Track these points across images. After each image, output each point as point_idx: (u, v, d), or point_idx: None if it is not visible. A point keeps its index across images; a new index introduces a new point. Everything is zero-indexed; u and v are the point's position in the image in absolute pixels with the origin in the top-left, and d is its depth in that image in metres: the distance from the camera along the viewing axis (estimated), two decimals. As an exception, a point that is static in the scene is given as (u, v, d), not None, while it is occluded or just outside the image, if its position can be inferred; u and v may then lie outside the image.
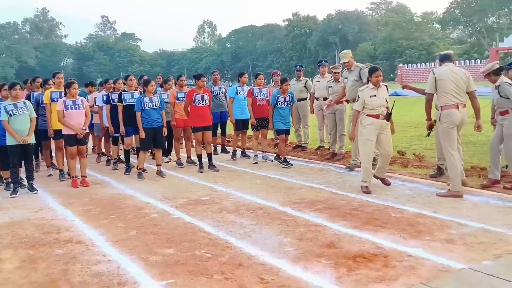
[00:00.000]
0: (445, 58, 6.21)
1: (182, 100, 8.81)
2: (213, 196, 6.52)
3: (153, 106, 7.73)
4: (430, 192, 6.24)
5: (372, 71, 6.46)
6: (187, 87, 9.47)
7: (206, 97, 8.34)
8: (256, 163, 8.89)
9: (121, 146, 9.16)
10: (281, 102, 8.46)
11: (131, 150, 8.73)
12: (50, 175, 8.45)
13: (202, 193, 6.72)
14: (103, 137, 9.54)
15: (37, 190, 7.09)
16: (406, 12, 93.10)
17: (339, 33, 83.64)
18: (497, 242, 4.32)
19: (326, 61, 10.07)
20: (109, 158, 9.30)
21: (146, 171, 8.19)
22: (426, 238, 4.51)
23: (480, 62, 57.52)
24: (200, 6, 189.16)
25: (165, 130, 8.16)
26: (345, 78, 8.09)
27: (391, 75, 70.07)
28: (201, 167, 8.28)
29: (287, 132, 8.71)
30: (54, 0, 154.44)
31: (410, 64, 64.78)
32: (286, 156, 8.73)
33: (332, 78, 9.02)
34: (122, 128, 8.20)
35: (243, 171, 8.27)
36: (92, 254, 4.42)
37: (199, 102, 8.26)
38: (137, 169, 8.02)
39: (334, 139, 8.89)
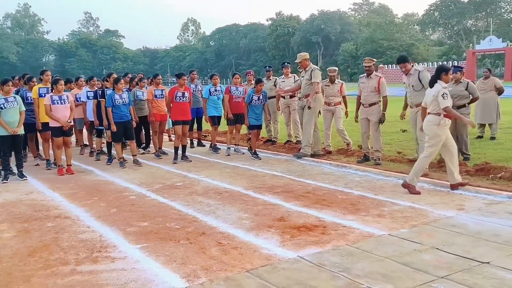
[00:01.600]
0: None
1: (159, 97, 9.60)
2: (185, 182, 7.32)
3: (123, 102, 8.50)
4: (376, 179, 7.13)
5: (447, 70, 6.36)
6: (170, 85, 10.30)
7: (186, 94, 9.13)
8: (229, 155, 9.69)
9: (103, 140, 9.88)
10: (255, 101, 9.26)
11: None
12: (37, 164, 9.14)
13: (176, 179, 7.51)
14: (87, 130, 10.23)
15: (26, 177, 7.80)
16: (387, 13, 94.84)
17: (321, 33, 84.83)
18: (418, 216, 5.21)
19: (288, 63, 10.97)
20: (92, 150, 10.00)
21: (126, 161, 8.92)
22: (361, 214, 5.37)
23: (458, 64, 59.28)
24: (184, 4, 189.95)
25: (134, 123, 8.98)
26: (302, 77, 9.02)
27: (372, 75, 71.47)
28: (175, 158, 9.05)
29: (259, 127, 9.50)
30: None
31: (390, 65, 66.17)
32: (257, 150, 9.54)
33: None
34: (105, 122, 8.92)
35: (215, 162, 9.09)
36: (78, 226, 5.19)
37: (180, 99, 9.05)
38: (118, 160, 8.77)
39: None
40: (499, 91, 10.68)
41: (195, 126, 11.16)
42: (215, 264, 4.01)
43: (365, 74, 8.22)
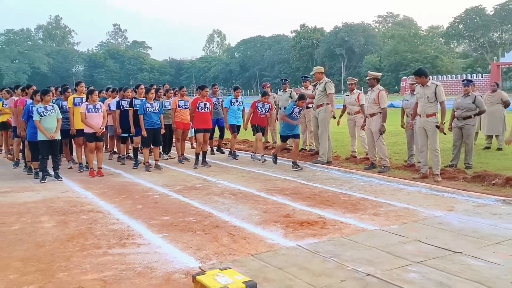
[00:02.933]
0: None
1: (182, 107, 10.39)
2: (204, 184, 8.04)
3: (153, 110, 9.29)
4: (379, 184, 7.71)
5: None
6: (194, 95, 11.13)
7: (208, 104, 9.90)
8: (265, 161, 10.28)
9: (130, 146, 10.71)
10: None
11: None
12: (70, 167, 10.01)
13: (196, 182, 8.24)
14: (115, 137, 11.09)
15: (61, 178, 8.64)
16: (412, 25, 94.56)
17: (345, 45, 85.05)
18: (409, 215, 5.79)
19: (286, 79, 11.77)
20: (120, 155, 10.84)
21: (151, 165, 9.69)
22: (359, 213, 5.98)
23: (482, 77, 58.93)
24: (210, 15, 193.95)
25: (163, 130, 9.73)
26: (317, 89, 9.69)
27: (396, 87, 71.46)
28: (196, 163, 9.79)
29: (296, 136, 9.91)
30: (67, 8, 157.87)
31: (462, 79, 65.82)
32: (272, 156, 10.23)
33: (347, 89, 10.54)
34: (132, 129, 9.73)
35: (233, 167, 9.79)
36: (108, 219, 5.94)
37: (202, 109, 9.83)
38: (144, 164, 9.55)
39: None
40: (506, 104, 11.13)
41: (216, 134, 11.89)
42: (225, 250, 4.68)
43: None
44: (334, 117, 9.68)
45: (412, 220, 5.57)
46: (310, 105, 10.40)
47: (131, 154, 10.57)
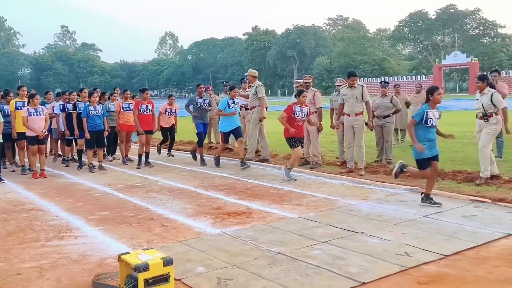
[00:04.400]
0: None
1: (126, 110, 10.73)
2: (145, 183, 8.46)
3: (96, 113, 9.61)
4: (308, 178, 8.38)
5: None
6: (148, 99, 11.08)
7: (150, 106, 10.30)
8: (295, 180, 8.20)
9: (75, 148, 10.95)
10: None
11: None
12: (13, 170, 10.15)
13: (137, 181, 8.65)
14: (59, 140, 11.28)
15: (3, 180, 8.82)
16: (361, 28, 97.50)
17: (297, 47, 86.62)
18: (328, 204, 6.45)
19: (227, 82, 12.42)
20: (64, 158, 11.04)
21: (95, 166, 9.98)
22: (284, 203, 6.59)
23: (426, 78, 61.64)
24: (162, 18, 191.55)
25: (106, 133, 10.08)
26: (250, 92, 10.38)
27: (345, 88, 73.38)
28: (139, 163, 10.17)
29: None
30: (12, 9, 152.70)
31: (363, 79, 68.19)
32: (217, 156, 10.61)
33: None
34: (76, 132, 10.00)
35: (174, 167, 10.25)
36: (48, 216, 6.28)
37: (144, 111, 10.21)
38: (88, 165, 9.84)
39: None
40: (429, 104, 12.09)
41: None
42: (156, 238, 5.16)
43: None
44: (262, 118, 10.24)
45: (328, 208, 6.23)
46: (248, 107, 10.98)
47: (76, 156, 10.80)
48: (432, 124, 6.14)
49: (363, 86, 8.70)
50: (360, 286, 3.76)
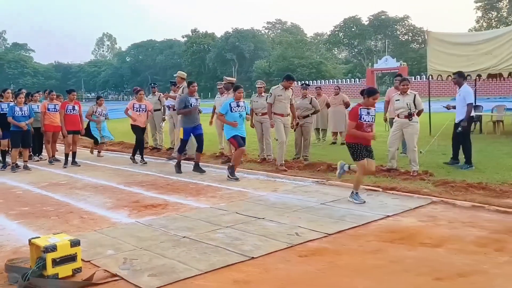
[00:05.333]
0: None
1: (52, 110, 10.82)
2: (69, 181, 8.69)
3: (22, 114, 9.69)
4: (226, 174, 8.91)
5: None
6: (84, 100, 11.49)
7: (76, 107, 10.48)
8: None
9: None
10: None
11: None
12: None
13: (61, 179, 8.85)
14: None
15: None
16: (299, 32, 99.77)
17: (236, 51, 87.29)
18: (240, 196, 7.02)
19: (155, 84, 13.14)
20: (-12, 159, 10.96)
21: (19, 166, 10.03)
22: (200, 196, 7.10)
23: (359, 81, 64.19)
24: (99, 19, 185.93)
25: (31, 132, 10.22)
26: (178, 93, 10.81)
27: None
28: (65, 163, 10.33)
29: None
30: None
31: (301, 82, 69.80)
32: (144, 156, 10.99)
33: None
34: (-1, 132, 10.03)
35: (101, 166, 10.50)
36: (-32, 212, 6.44)
37: (71, 111, 10.40)
38: (11, 164, 9.89)
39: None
40: (346, 105, 13.03)
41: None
42: (73, 229, 5.50)
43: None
44: None
45: (239, 199, 6.80)
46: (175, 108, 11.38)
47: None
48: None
49: (292, 89, 9.46)
50: (249, 260, 4.33)
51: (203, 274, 4.01)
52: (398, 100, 8.54)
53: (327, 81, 68.01)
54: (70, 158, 10.45)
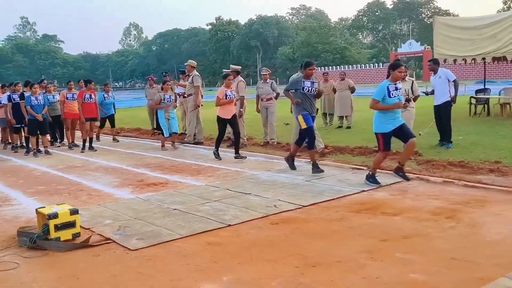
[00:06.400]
0: None
1: (70, 99, 11.63)
2: (85, 164, 9.46)
3: (38, 103, 10.49)
4: (230, 156, 9.51)
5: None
6: (113, 89, 12.30)
7: (92, 96, 11.25)
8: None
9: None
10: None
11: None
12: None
13: (78, 162, 9.64)
14: (8, 128, 12.07)
15: None
16: (323, 17, 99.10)
17: (260, 37, 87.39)
18: (235, 175, 7.62)
19: (167, 73, 13.44)
20: (13, 145, 11.86)
21: (41, 151, 10.88)
22: (199, 176, 7.73)
23: (383, 66, 63.71)
24: (126, 8, 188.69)
25: (48, 120, 11.03)
26: (187, 81, 11.40)
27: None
28: (83, 148, 11.13)
29: None
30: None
31: (325, 67, 69.59)
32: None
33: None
34: (26, 119, 10.85)
35: (116, 150, 11.25)
36: (-9, 191, 7.24)
37: (88, 100, 11.17)
38: (32, 150, 10.73)
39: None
40: (352, 90, 13.43)
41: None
42: (81, 204, 6.20)
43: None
44: (198, 106, 11.31)
45: (233, 178, 7.40)
46: (186, 95, 12.03)
47: (24, 143, 11.65)
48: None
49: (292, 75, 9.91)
50: (226, 227, 4.94)
51: (183, 238, 4.64)
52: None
53: (351, 66, 67.78)
54: (87, 144, 11.23)
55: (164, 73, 13.53)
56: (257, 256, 4.11)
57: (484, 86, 15.81)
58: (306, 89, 7.51)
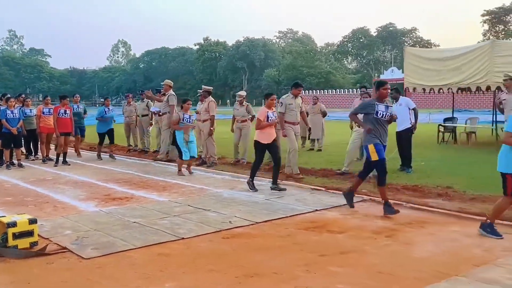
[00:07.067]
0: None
1: (46, 114, 11.85)
2: (56, 177, 9.65)
3: (13, 116, 10.70)
4: (200, 174, 9.79)
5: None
6: (97, 105, 12.49)
7: (68, 111, 11.50)
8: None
9: None
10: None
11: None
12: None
13: (49, 176, 9.83)
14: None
15: None
16: (310, 42, 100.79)
17: (246, 59, 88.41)
18: (199, 192, 7.90)
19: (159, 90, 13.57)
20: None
21: (14, 164, 11.03)
22: (164, 192, 7.99)
23: (366, 90, 64.84)
24: (115, 25, 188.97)
25: (22, 133, 11.18)
26: (164, 100, 11.72)
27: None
28: (56, 161, 11.32)
29: None
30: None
31: (309, 91, 70.54)
32: (126, 157, 11.97)
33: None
34: (-1, 132, 11.05)
35: (89, 165, 11.45)
36: (-41, 200, 7.41)
37: (62, 115, 11.41)
38: (6, 163, 10.89)
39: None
40: (323, 114, 13.88)
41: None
42: (46, 215, 6.41)
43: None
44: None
45: (197, 195, 7.68)
46: (160, 114, 12.32)
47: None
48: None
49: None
50: (179, 240, 5.21)
51: (136, 249, 4.90)
52: None
53: (336, 90, 68.83)
54: (61, 158, 11.42)
55: (140, 91, 13.84)
56: (202, 266, 4.39)
57: (452, 114, 16.39)
58: (380, 114, 6.44)
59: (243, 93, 11.63)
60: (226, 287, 3.92)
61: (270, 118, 8.04)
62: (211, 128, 10.80)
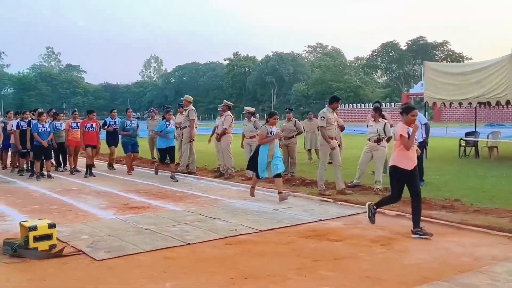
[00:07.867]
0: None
1: (74, 128, 12.52)
2: (81, 188, 10.20)
3: (44, 130, 11.36)
4: (216, 185, 10.18)
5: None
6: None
7: (94, 125, 12.14)
8: None
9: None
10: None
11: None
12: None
13: (75, 186, 10.39)
14: (17, 153, 12.95)
15: None
16: (339, 56, 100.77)
17: (275, 74, 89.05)
18: (213, 202, 8.26)
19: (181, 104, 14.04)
20: (19, 168, 12.70)
21: (44, 175, 11.68)
22: (180, 202, 8.38)
23: (394, 106, 64.42)
24: (148, 41, 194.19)
25: (52, 146, 11.86)
26: (183, 114, 12.19)
27: (319, 114, 75.71)
28: (86, 172, 11.91)
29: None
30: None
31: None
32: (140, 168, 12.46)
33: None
34: (28, 145, 11.72)
35: (114, 177, 11.99)
36: (-9, 208, 7.99)
37: (89, 129, 12.05)
38: (36, 174, 11.54)
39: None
40: (341, 128, 14.04)
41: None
42: (67, 222, 6.90)
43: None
44: (193, 139, 12.07)
45: (211, 205, 8.05)
46: (181, 128, 12.78)
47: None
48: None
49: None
50: (186, 245, 5.57)
51: (145, 252, 5.29)
52: (371, 126, 9.61)
53: (365, 104, 68.62)
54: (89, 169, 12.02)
55: (163, 106, 14.38)
56: (203, 269, 4.73)
57: (475, 129, 16.34)
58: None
59: (250, 108, 11.85)
60: (222, 286, 4.24)
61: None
62: (217, 138, 11.20)
